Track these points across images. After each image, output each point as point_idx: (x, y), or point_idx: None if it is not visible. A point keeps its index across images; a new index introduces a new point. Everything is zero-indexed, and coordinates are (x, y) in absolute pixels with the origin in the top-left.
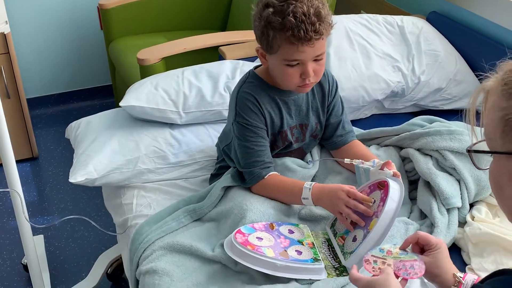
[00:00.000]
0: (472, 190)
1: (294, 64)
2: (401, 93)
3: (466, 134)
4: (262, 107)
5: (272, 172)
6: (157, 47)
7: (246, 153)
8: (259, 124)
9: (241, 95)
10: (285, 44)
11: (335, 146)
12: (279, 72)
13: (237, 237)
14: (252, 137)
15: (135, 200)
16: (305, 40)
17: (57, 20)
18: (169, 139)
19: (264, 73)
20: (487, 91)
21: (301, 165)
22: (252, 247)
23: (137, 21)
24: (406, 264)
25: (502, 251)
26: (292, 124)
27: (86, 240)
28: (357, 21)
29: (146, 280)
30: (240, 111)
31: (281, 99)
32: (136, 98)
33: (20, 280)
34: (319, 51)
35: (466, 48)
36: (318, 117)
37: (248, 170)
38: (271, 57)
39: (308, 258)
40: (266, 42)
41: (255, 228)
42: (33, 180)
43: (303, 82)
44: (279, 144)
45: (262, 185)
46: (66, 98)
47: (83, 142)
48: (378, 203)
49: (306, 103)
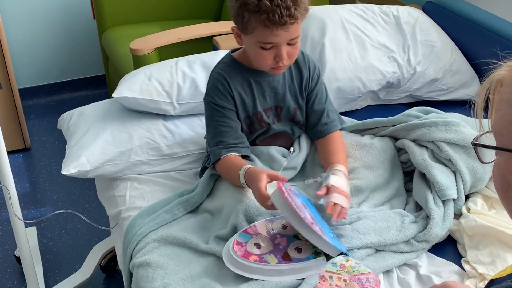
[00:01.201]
0: (467, 182)
1: (268, 47)
2: (397, 84)
3: (462, 126)
4: (232, 87)
5: (231, 153)
6: (150, 37)
7: (213, 133)
8: (226, 105)
9: (213, 75)
10: (260, 27)
11: (320, 135)
12: (253, 53)
13: (236, 249)
14: (219, 117)
15: (128, 192)
16: (279, 24)
17: (49, 10)
18: (163, 131)
19: (240, 55)
20: (499, 81)
21: (286, 155)
22: (254, 258)
23: (130, 10)
24: (362, 278)
25: (498, 244)
26: (267, 106)
27: (80, 232)
28: (353, 11)
29: (139, 273)
30: (210, 90)
31: (255, 80)
32: (129, 89)
33: (13, 272)
34: (293, 34)
35: (462, 38)
36: (297, 101)
37: (211, 148)
38: (246, 37)
39: (309, 254)
40: (241, 23)
41: (249, 234)
42: (26, 171)
43: (277, 65)
44: (256, 126)
45: (218, 165)
46: (59, 88)
47: (76, 133)
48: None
49: (283, 86)
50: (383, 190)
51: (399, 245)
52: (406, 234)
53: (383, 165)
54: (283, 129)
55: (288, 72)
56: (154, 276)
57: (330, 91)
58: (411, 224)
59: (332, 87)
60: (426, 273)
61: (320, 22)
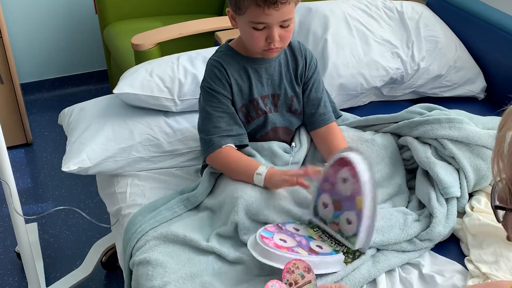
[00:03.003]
0: (471, 180)
1: (260, 27)
2: (400, 80)
3: (466, 123)
4: (229, 74)
5: (229, 144)
6: (152, 32)
7: (206, 119)
8: (222, 91)
9: (210, 62)
10: (252, 6)
11: (316, 125)
12: (246, 34)
13: (266, 241)
14: (214, 103)
15: (128, 188)
16: (271, 3)
17: (51, 4)
18: (164, 127)
19: (236, 43)
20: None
21: (287, 150)
22: (286, 249)
23: (132, 5)
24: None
25: (502, 243)
26: (264, 93)
27: (81, 228)
28: (356, 6)
29: (139, 271)
30: (206, 76)
31: (252, 67)
32: (130, 85)
33: (14, 268)
34: (286, 16)
35: (467, 34)
36: (294, 89)
37: (207, 137)
38: (240, 19)
39: (330, 251)
40: (234, 3)
41: (271, 231)
42: (27, 166)
43: (269, 46)
44: (253, 114)
45: (216, 155)
46: (60, 83)
47: (76, 129)
48: (351, 179)
49: (278, 72)
50: (385, 187)
51: (401, 244)
52: (409, 233)
53: (383, 160)
54: (281, 122)
55: (284, 59)
56: (154, 274)
57: (333, 87)
58: (414, 222)
59: (334, 83)
60: (429, 272)
61: (322, 17)
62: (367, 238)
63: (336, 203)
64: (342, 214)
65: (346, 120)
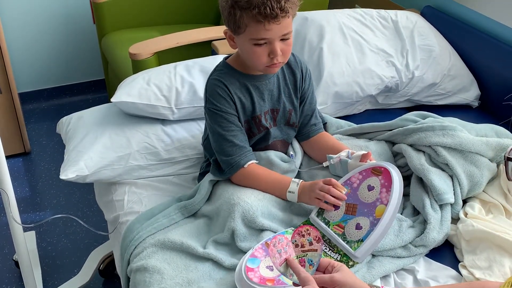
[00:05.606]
0: (465, 186)
1: (261, 43)
2: (395, 89)
3: (459, 130)
4: (232, 92)
5: (252, 161)
6: (149, 42)
7: (220, 140)
8: (229, 110)
9: (210, 82)
10: (252, 23)
11: (308, 136)
12: (248, 52)
13: (251, 276)
14: (223, 123)
15: (126, 196)
16: (271, 17)
17: (49, 14)
18: (161, 135)
19: (234, 61)
20: None
21: (284, 159)
22: (270, 281)
23: (130, 14)
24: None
25: (495, 248)
26: (266, 109)
27: (78, 236)
28: (351, 15)
29: (137, 278)
30: (210, 97)
31: (253, 85)
32: (128, 94)
33: (12, 277)
34: (285, 29)
35: (460, 42)
36: (292, 102)
37: (225, 159)
38: (239, 38)
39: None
40: (233, 22)
41: (257, 257)
42: (25, 175)
43: (271, 62)
44: (254, 130)
45: (243, 174)
46: (58, 92)
47: (74, 138)
48: (380, 189)
49: (277, 87)
50: None
51: (396, 250)
52: (404, 239)
53: None
54: (280, 135)
55: (281, 73)
56: (151, 281)
57: (328, 95)
58: (409, 229)
59: (330, 91)
60: (423, 277)
61: (318, 27)
62: (370, 247)
63: (349, 207)
64: (353, 218)
65: (341, 127)
